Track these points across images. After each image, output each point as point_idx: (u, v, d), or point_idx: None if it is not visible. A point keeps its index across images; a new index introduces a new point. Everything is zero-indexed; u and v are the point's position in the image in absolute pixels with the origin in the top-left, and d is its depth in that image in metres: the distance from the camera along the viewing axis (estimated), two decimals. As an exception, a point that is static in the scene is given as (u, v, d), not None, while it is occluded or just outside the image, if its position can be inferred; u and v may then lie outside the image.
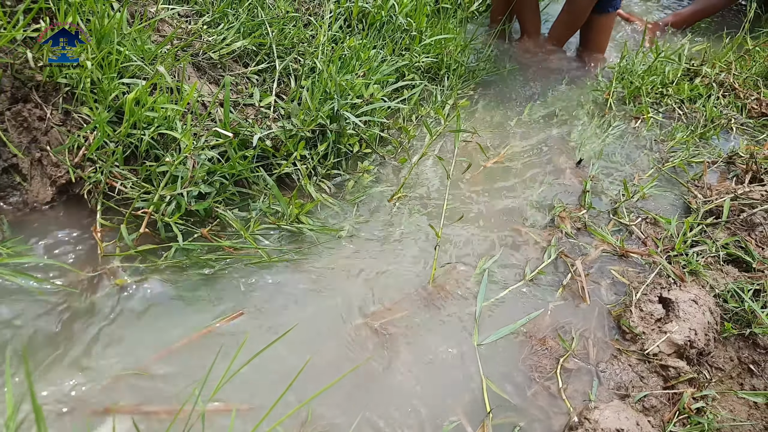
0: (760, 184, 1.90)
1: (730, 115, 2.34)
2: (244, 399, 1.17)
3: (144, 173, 1.45)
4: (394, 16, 2.21)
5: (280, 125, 1.66)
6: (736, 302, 1.51)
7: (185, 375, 1.18)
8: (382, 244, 1.58)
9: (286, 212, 1.51)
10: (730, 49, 2.71)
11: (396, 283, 1.48)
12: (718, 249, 1.65)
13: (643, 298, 1.50)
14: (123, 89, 1.48)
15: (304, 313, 1.36)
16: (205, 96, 1.70)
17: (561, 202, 1.82)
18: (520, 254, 1.63)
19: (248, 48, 1.86)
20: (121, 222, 1.38)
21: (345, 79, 1.81)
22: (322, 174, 1.72)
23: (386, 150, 1.90)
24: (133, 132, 1.44)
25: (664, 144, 2.16)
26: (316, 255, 1.51)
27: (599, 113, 2.30)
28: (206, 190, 1.45)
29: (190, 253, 1.41)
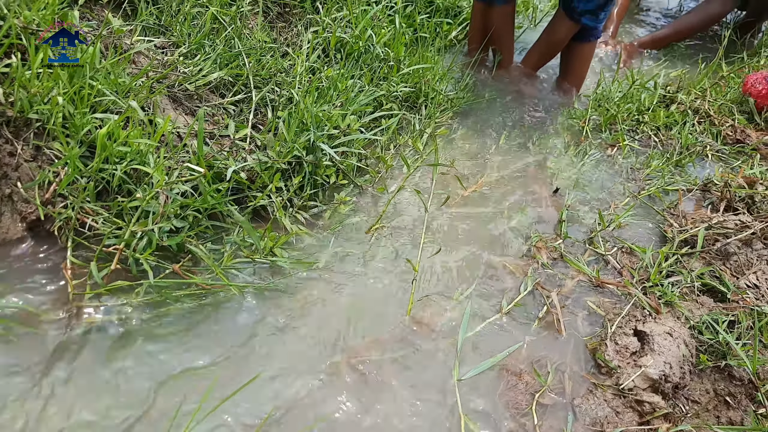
0: (734, 213, 1.91)
1: (706, 142, 2.37)
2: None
3: (116, 208, 1.43)
4: (372, 46, 2.22)
5: (255, 157, 1.65)
6: (711, 334, 1.51)
7: (155, 418, 1.16)
8: (360, 276, 1.58)
9: (260, 246, 1.49)
10: (705, 75, 2.75)
11: (373, 318, 1.47)
12: (693, 279, 1.66)
13: (618, 330, 1.50)
14: (96, 123, 1.47)
15: (278, 350, 1.35)
16: (181, 128, 1.69)
17: (537, 231, 1.83)
18: (497, 285, 1.63)
19: (225, 79, 1.86)
20: (92, 259, 1.36)
21: (322, 110, 1.81)
22: (299, 205, 1.71)
23: (364, 180, 1.89)
24: (105, 167, 1.42)
25: (640, 172, 2.18)
26: (291, 289, 1.50)
27: (575, 141, 2.31)
28: (179, 225, 1.44)
29: (161, 290, 1.39)
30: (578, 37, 2.52)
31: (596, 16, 2.38)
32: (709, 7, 3.19)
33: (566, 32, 2.48)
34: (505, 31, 2.60)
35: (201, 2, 1.95)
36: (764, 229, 1.80)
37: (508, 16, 2.56)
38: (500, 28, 2.56)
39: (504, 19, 2.54)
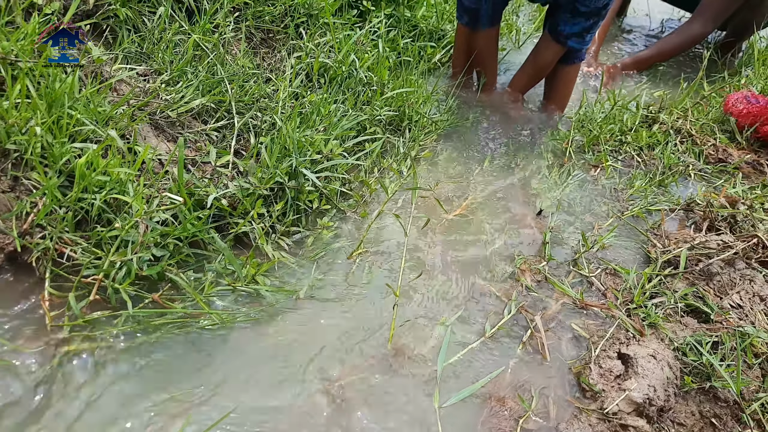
0: (717, 233, 1.92)
1: (688, 162, 2.39)
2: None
3: (95, 238, 1.42)
4: (356, 70, 2.24)
5: (237, 184, 1.65)
6: (695, 355, 1.51)
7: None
8: (341, 302, 1.57)
9: (241, 274, 1.48)
10: (686, 95, 2.78)
11: (354, 345, 1.45)
12: (677, 300, 1.66)
13: (602, 354, 1.50)
14: (75, 153, 1.46)
15: (257, 379, 1.33)
16: (163, 155, 1.69)
17: (521, 253, 1.83)
18: (480, 309, 1.62)
19: (207, 105, 1.86)
20: (70, 289, 1.34)
21: (305, 135, 1.82)
22: (281, 231, 1.70)
23: (347, 204, 1.89)
24: (84, 196, 1.41)
25: (623, 192, 2.19)
26: (272, 316, 1.49)
27: (559, 162, 2.33)
28: (159, 254, 1.43)
29: (141, 320, 1.37)
30: (563, 59, 2.54)
31: (582, 38, 2.40)
32: (691, 28, 3.23)
33: (553, 55, 2.51)
34: (489, 54, 2.62)
35: (183, 29, 1.95)
36: (746, 248, 1.81)
37: (492, 39, 2.59)
38: (484, 51, 2.59)
39: (488, 42, 2.57)
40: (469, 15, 2.49)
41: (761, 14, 3.25)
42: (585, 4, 2.24)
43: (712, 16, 3.17)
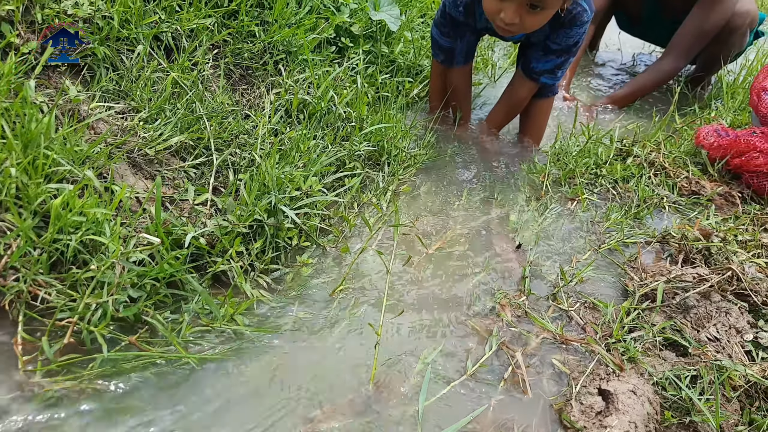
0: (692, 265, 1.95)
1: (662, 194, 2.43)
2: None
3: (70, 280, 1.40)
4: (335, 106, 2.25)
5: (215, 222, 1.64)
6: (674, 390, 1.52)
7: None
8: (322, 341, 1.55)
9: (218, 314, 1.47)
10: (659, 128, 2.84)
11: (335, 385, 1.44)
12: (655, 334, 1.68)
13: (582, 390, 1.50)
14: (51, 193, 1.44)
15: (235, 420, 1.31)
16: (140, 192, 1.68)
17: (502, 288, 1.83)
18: (462, 346, 1.62)
19: (186, 142, 1.86)
20: (44, 333, 1.32)
21: (284, 172, 1.82)
22: (260, 269, 1.69)
23: (327, 240, 1.89)
24: (60, 237, 1.40)
25: (599, 225, 2.22)
26: (251, 357, 1.47)
27: (536, 195, 2.35)
28: (135, 295, 1.41)
29: (117, 363, 1.35)
30: (537, 93, 2.59)
31: (554, 74, 2.46)
32: (663, 65, 3.32)
33: (527, 92, 2.56)
34: (464, 89, 2.67)
35: (162, 67, 1.96)
36: (721, 281, 1.84)
37: (467, 75, 2.64)
38: (459, 87, 2.63)
39: (463, 77, 2.61)
40: (445, 53, 2.53)
41: (728, 48, 3.35)
42: (556, 41, 2.30)
43: (684, 52, 3.26)
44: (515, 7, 1.95)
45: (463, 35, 2.46)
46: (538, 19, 2.02)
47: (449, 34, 2.45)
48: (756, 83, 2.79)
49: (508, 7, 1.96)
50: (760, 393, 1.57)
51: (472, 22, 2.36)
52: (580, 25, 2.23)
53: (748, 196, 2.52)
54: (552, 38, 2.30)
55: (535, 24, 2.03)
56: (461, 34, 2.45)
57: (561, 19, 2.18)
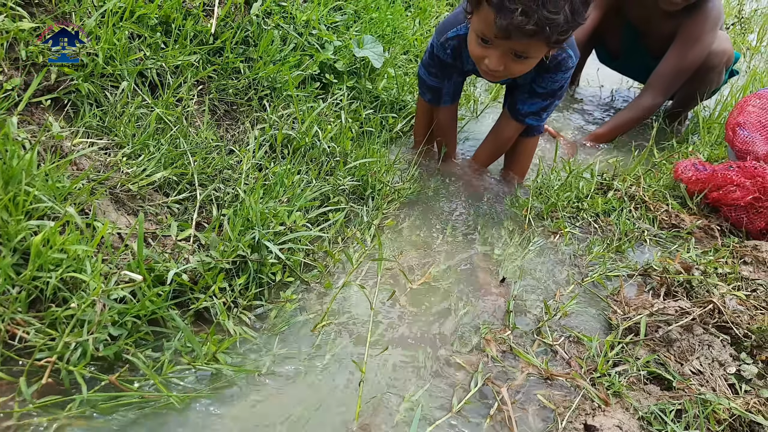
0: (674, 299, 1.97)
1: (643, 228, 2.46)
2: None
3: (49, 318, 1.37)
4: (319, 141, 2.27)
5: (198, 258, 1.63)
6: (659, 424, 1.52)
7: None
8: (305, 379, 1.53)
9: (201, 352, 1.45)
10: (638, 163, 2.89)
11: (319, 425, 1.42)
12: (639, 368, 1.68)
13: (568, 425, 1.49)
14: (31, 230, 1.43)
15: (218, 464, 1.28)
16: (123, 228, 1.66)
17: (486, 323, 1.83)
18: (447, 382, 1.61)
19: (169, 178, 1.85)
20: (21, 373, 1.29)
21: (268, 207, 1.82)
22: (243, 306, 1.68)
23: (311, 275, 1.88)
24: (39, 275, 1.38)
25: (582, 258, 2.24)
26: (233, 395, 1.44)
27: (519, 229, 2.37)
28: (116, 333, 1.39)
29: (96, 403, 1.32)
30: (523, 132, 2.63)
31: (539, 116, 2.49)
32: (642, 102, 3.38)
33: (513, 131, 2.60)
34: (450, 127, 2.70)
35: (146, 103, 1.97)
36: (703, 314, 1.85)
37: (453, 113, 2.67)
38: (445, 124, 2.67)
39: (449, 115, 2.65)
40: (432, 93, 2.56)
41: (705, 85, 3.44)
42: (541, 85, 2.34)
43: (663, 89, 3.33)
44: (499, 54, 1.97)
45: (450, 76, 2.49)
46: (523, 67, 2.04)
47: (437, 75, 2.48)
48: (731, 119, 2.86)
49: (492, 54, 1.97)
50: (744, 426, 1.58)
51: (459, 64, 2.40)
52: (565, 71, 2.28)
53: (726, 229, 2.56)
54: (537, 82, 2.34)
55: (520, 71, 2.06)
56: (448, 75, 2.48)
57: (546, 64, 2.22)
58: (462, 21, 2.25)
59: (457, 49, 2.34)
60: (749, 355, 1.80)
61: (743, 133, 2.76)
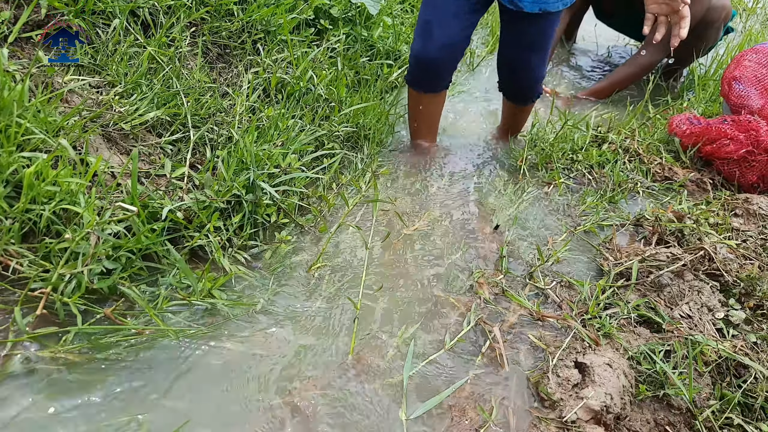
0: (666, 245, 1.98)
1: (636, 180, 2.47)
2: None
3: (43, 250, 1.37)
4: (314, 87, 2.24)
5: (193, 196, 1.62)
6: (648, 364, 1.54)
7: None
8: (300, 316, 1.55)
9: (196, 288, 1.45)
10: (633, 117, 2.88)
11: (315, 358, 1.43)
12: (630, 311, 1.70)
13: (559, 363, 1.51)
14: (23, 163, 1.41)
15: (216, 393, 1.30)
16: (115, 167, 1.65)
17: (479, 267, 1.84)
18: (440, 322, 1.63)
19: (162, 118, 1.83)
20: (15, 303, 1.29)
21: (262, 149, 1.80)
22: (238, 245, 1.68)
23: (306, 219, 1.88)
24: (32, 207, 1.36)
25: (575, 208, 2.24)
26: (229, 331, 1.45)
27: (514, 180, 2.37)
28: (110, 267, 1.39)
29: (92, 336, 1.32)
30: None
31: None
32: (640, 58, 3.35)
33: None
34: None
35: (138, 42, 1.93)
36: (694, 260, 1.87)
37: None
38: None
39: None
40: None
41: (702, 42, 3.41)
42: None
43: (660, 46, 3.30)
44: None
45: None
46: None
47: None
48: (727, 73, 2.85)
49: None
50: (731, 369, 1.61)
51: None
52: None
53: (719, 182, 2.57)
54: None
55: None
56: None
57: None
58: None
59: None
60: (737, 301, 1.82)
61: (739, 87, 2.75)
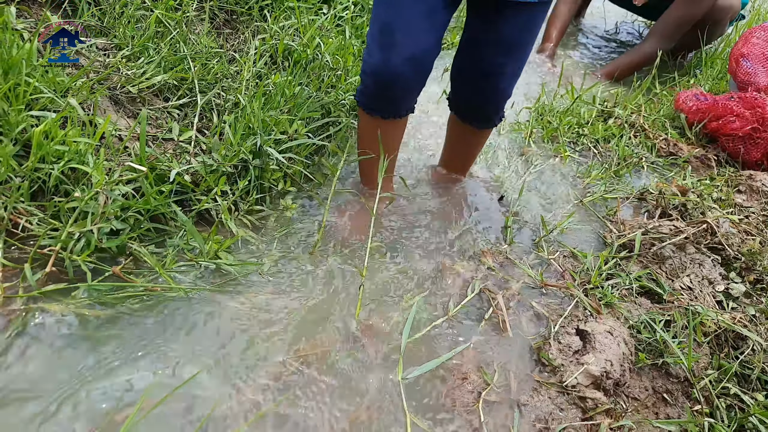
0: (669, 219, 1.99)
1: (641, 154, 2.47)
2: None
3: (52, 209, 1.38)
4: (320, 55, 2.23)
5: (200, 160, 1.62)
6: (648, 333, 1.56)
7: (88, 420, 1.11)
8: (306, 280, 1.56)
9: (204, 249, 1.46)
10: (639, 92, 2.87)
11: (319, 320, 1.45)
12: (632, 282, 1.72)
13: (561, 330, 1.53)
14: (32, 122, 1.41)
15: (221, 352, 1.32)
16: (122, 130, 1.65)
17: (485, 236, 1.85)
18: (444, 288, 1.64)
19: (169, 82, 1.83)
20: (24, 261, 1.30)
21: (269, 115, 1.80)
22: (244, 210, 1.69)
23: (311, 185, 1.89)
24: (41, 166, 1.37)
25: (580, 181, 2.25)
26: (235, 291, 1.47)
27: (519, 152, 2.37)
28: (119, 227, 1.40)
29: (100, 293, 1.34)
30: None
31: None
32: (643, 47, 3.32)
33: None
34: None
35: (146, 5, 1.92)
36: (696, 233, 1.88)
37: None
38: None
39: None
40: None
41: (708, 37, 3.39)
42: None
43: (666, 37, 3.27)
44: None
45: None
46: None
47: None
48: (735, 50, 2.83)
49: None
50: (729, 341, 1.63)
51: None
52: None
53: (723, 159, 2.57)
54: None
55: None
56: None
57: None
58: None
59: None
60: (738, 275, 1.84)
61: (746, 64, 2.74)
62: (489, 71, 1.62)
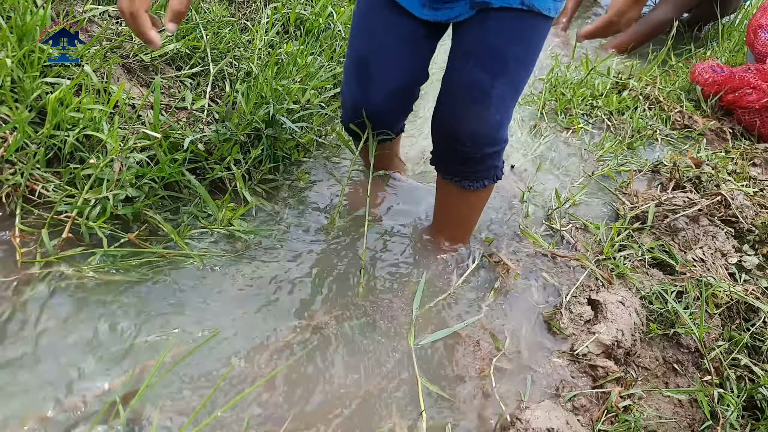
0: (683, 191, 1.98)
1: (656, 127, 2.44)
2: (172, 404, 1.13)
3: (67, 176, 1.39)
4: (333, 24, 2.21)
5: (214, 129, 1.62)
6: (660, 303, 1.57)
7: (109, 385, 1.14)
8: (318, 248, 1.57)
9: (218, 215, 1.47)
10: (655, 64, 2.84)
11: (331, 288, 1.47)
12: (644, 253, 1.72)
13: (572, 300, 1.54)
14: (46, 89, 1.42)
15: (238, 313, 1.33)
16: (135, 98, 1.65)
17: (496, 207, 1.85)
18: (455, 258, 1.65)
19: (181, 51, 1.82)
20: (41, 226, 1.32)
21: (281, 84, 1.80)
22: (258, 179, 1.69)
23: (324, 155, 1.89)
24: (57, 133, 1.38)
25: (593, 153, 2.24)
26: (249, 258, 1.48)
27: (531, 124, 2.35)
28: (134, 194, 1.41)
29: (116, 259, 1.35)
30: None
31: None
32: (652, 17, 3.24)
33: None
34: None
35: (157, -27, 1.90)
36: (710, 206, 1.87)
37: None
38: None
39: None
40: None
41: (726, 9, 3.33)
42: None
43: (675, 5, 3.20)
44: None
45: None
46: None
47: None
48: (753, 20, 2.78)
49: None
50: (741, 312, 1.63)
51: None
52: None
53: (738, 132, 2.55)
54: None
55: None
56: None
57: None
58: None
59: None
60: (751, 248, 1.83)
61: (765, 35, 2.69)
62: (470, 92, 1.28)
